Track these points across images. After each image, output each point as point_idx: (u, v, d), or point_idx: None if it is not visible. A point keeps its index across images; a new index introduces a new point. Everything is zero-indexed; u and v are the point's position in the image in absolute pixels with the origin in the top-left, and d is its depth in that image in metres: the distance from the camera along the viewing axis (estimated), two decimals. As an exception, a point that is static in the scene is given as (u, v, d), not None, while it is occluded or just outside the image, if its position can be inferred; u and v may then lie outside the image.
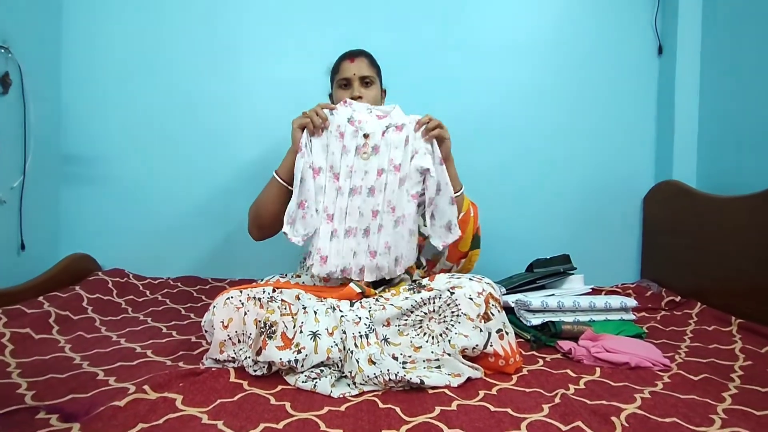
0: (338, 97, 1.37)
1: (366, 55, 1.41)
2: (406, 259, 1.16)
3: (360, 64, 1.37)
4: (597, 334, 1.21)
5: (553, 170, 1.90)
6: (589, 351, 1.14)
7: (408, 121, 1.23)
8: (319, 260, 1.17)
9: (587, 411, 0.87)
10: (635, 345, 1.18)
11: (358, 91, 1.35)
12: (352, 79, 1.36)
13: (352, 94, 1.35)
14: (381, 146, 1.23)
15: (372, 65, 1.40)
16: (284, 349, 0.99)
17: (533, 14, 1.89)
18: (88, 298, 1.46)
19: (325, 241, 1.19)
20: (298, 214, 1.20)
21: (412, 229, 1.16)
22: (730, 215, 1.48)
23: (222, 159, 1.82)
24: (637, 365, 1.10)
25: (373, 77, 1.39)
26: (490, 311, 1.07)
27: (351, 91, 1.36)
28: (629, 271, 1.93)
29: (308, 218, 1.20)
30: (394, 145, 1.22)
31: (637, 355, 1.11)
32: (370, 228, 1.21)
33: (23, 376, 0.96)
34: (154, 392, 0.86)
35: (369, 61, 1.40)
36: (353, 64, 1.37)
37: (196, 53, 1.81)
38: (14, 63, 1.51)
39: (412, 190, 1.17)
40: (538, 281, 1.57)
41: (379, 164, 1.22)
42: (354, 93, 1.35)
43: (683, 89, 1.82)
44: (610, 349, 1.14)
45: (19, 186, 1.55)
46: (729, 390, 0.98)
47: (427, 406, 0.89)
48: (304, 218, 1.20)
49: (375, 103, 1.38)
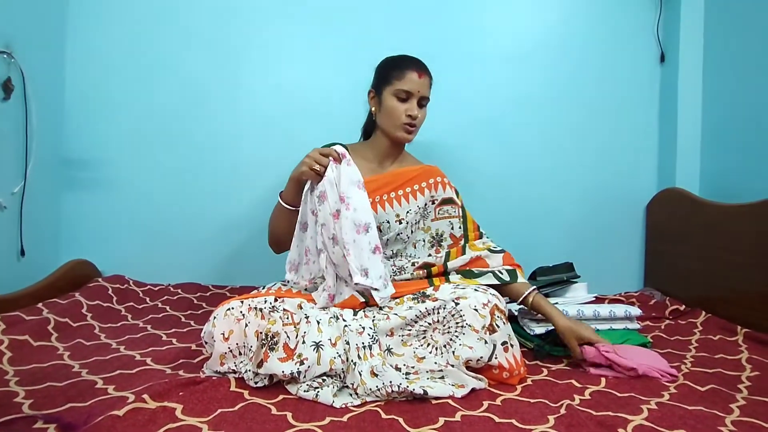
0: (392, 107, 1.26)
1: (430, 74, 1.31)
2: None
3: (426, 81, 1.28)
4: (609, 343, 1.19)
5: (556, 178, 1.89)
6: (599, 349, 1.13)
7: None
8: (326, 297, 1.14)
9: (593, 422, 0.85)
10: (643, 354, 1.16)
11: (416, 111, 1.26)
12: (414, 96, 1.26)
13: (410, 112, 1.25)
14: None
15: (431, 86, 1.31)
16: (286, 361, 0.97)
17: (535, 22, 1.89)
18: (88, 305, 1.44)
19: (332, 281, 1.15)
20: (302, 261, 1.19)
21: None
22: (733, 223, 1.47)
23: (224, 165, 1.82)
24: (644, 373, 1.08)
25: (429, 99, 1.30)
26: (495, 323, 1.06)
27: (410, 108, 1.25)
28: (633, 279, 1.92)
29: (311, 264, 1.18)
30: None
31: (644, 364, 1.10)
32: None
33: (21, 384, 0.95)
34: (153, 401, 0.84)
35: (431, 81, 1.31)
36: (421, 80, 1.26)
37: (199, 58, 1.81)
38: (17, 68, 1.51)
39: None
40: (542, 289, 1.55)
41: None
42: (413, 112, 1.25)
43: (686, 97, 1.82)
44: (619, 353, 1.12)
45: (19, 191, 1.55)
46: (737, 401, 0.96)
47: (430, 416, 0.88)
48: (307, 264, 1.18)
49: (422, 124, 1.31)
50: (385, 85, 1.27)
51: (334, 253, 1.12)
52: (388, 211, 1.27)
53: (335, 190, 1.14)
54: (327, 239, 1.12)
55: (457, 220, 1.33)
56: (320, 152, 1.15)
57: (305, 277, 1.18)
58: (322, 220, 1.13)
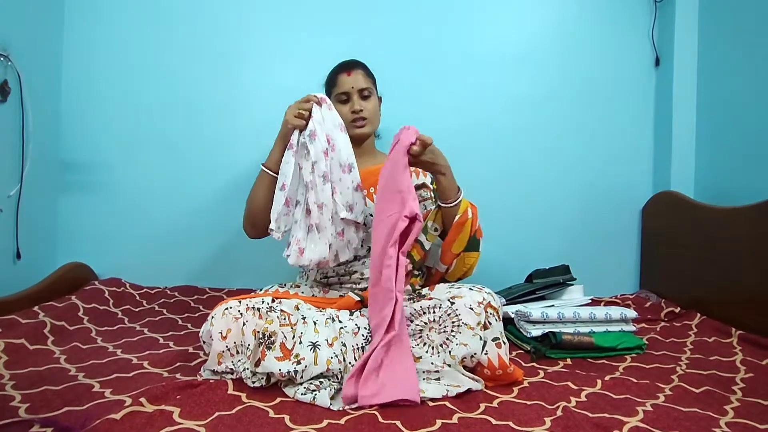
0: (338, 112, 1.34)
1: (361, 66, 1.40)
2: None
3: (356, 76, 1.37)
4: None
5: (551, 180, 1.90)
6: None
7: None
8: (296, 251, 1.19)
9: (589, 424, 0.86)
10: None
11: (358, 105, 1.35)
12: (351, 93, 1.36)
13: (353, 108, 1.35)
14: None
15: (368, 76, 1.40)
16: (283, 360, 0.98)
17: (531, 25, 1.90)
18: (84, 308, 1.44)
19: (303, 233, 1.21)
20: (283, 211, 1.21)
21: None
22: (728, 226, 1.48)
23: (221, 168, 1.82)
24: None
25: (371, 88, 1.38)
26: (488, 320, 1.06)
27: (351, 105, 1.35)
28: (628, 281, 1.93)
29: (290, 216, 1.22)
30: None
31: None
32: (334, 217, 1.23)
33: (17, 388, 0.95)
34: (150, 405, 0.84)
35: (365, 72, 1.40)
36: (350, 77, 1.36)
37: (195, 62, 1.81)
38: (13, 71, 1.51)
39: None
40: (538, 292, 1.57)
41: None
42: (355, 107, 1.35)
43: (680, 100, 1.83)
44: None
45: (16, 194, 1.54)
46: (731, 403, 0.97)
47: (427, 418, 0.88)
48: (287, 215, 1.21)
49: (375, 113, 1.38)
50: (330, 96, 1.37)
51: (323, 191, 1.19)
52: (370, 205, 1.31)
53: (323, 129, 1.22)
54: (318, 177, 1.19)
55: (429, 201, 1.37)
56: (302, 100, 1.23)
57: (281, 228, 1.21)
58: (314, 158, 1.19)
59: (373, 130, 1.42)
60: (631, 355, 1.28)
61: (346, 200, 1.23)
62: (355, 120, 1.36)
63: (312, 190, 1.18)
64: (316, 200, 1.18)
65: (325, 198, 1.19)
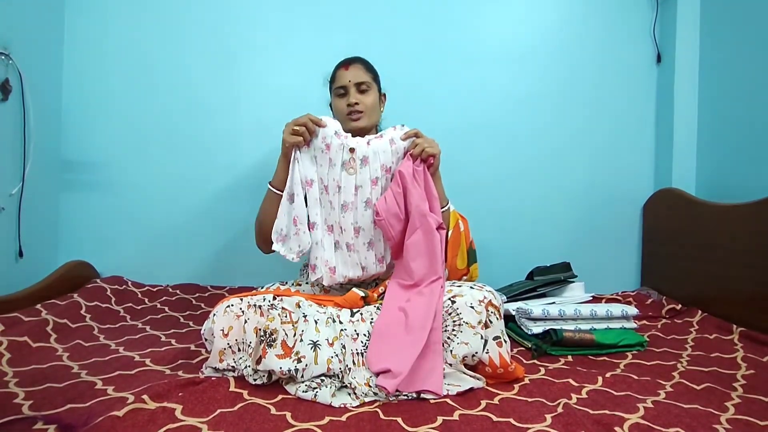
0: (336, 106, 1.38)
1: (361, 61, 1.41)
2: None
3: (355, 70, 1.37)
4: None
5: (552, 178, 1.90)
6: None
7: (392, 136, 1.26)
8: (327, 272, 1.18)
9: (590, 421, 0.86)
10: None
11: (354, 98, 1.35)
12: (348, 87, 1.36)
13: (349, 101, 1.35)
14: (369, 155, 1.23)
15: (368, 71, 1.40)
16: (284, 358, 0.98)
17: (532, 23, 1.90)
18: (87, 306, 1.44)
19: (330, 252, 1.20)
20: (291, 231, 1.20)
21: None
22: (729, 223, 1.48)
23: (222, 166, 1.82)
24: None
25: (370, 83, 1.38)
26: (489, 318, 1.06)
27: (348, 98, 1.35)
28: (629, 278, 1.93)
29: (301, 234, 1.20)
30: (381, 149, 1.24)
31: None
32: (373, 239, 1.22)
33: (20, 385, 0.95)
34: (153, 402, 0.85)
35: (365, 66, 1.40)
36: (348, 71, 1.37)
37: (196, 61, 1.81)
38: (15, 70, 1.51)
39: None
40: (539, 289, 1.57)
41: (371, 174, 1.23)
42: (351, 100, 1.35)
43: (682, 97, 1.83)
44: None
45: (18, 193, 1.55)
46: (732, 399, 0.97)
47: (429, 416, 0.89)
48: (297, 234, 1.20)
49: (373, 107, 1.38)
50: (330, 92, 1.41)
51: (344, 218, 1.22)
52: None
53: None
54: (337, 204, 1.22)
55: None
56: (310, 119, 1.22)
57: (293, 249, 1.20)
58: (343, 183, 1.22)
59: (371, 124, 1.40)
60: (632, 352, 1.28)
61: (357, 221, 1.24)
62: (350, 113, 1.35)
63: (331, 211, 1.21)
64: (337, 221, 1.20)
65: (344, 222, 1.22)
